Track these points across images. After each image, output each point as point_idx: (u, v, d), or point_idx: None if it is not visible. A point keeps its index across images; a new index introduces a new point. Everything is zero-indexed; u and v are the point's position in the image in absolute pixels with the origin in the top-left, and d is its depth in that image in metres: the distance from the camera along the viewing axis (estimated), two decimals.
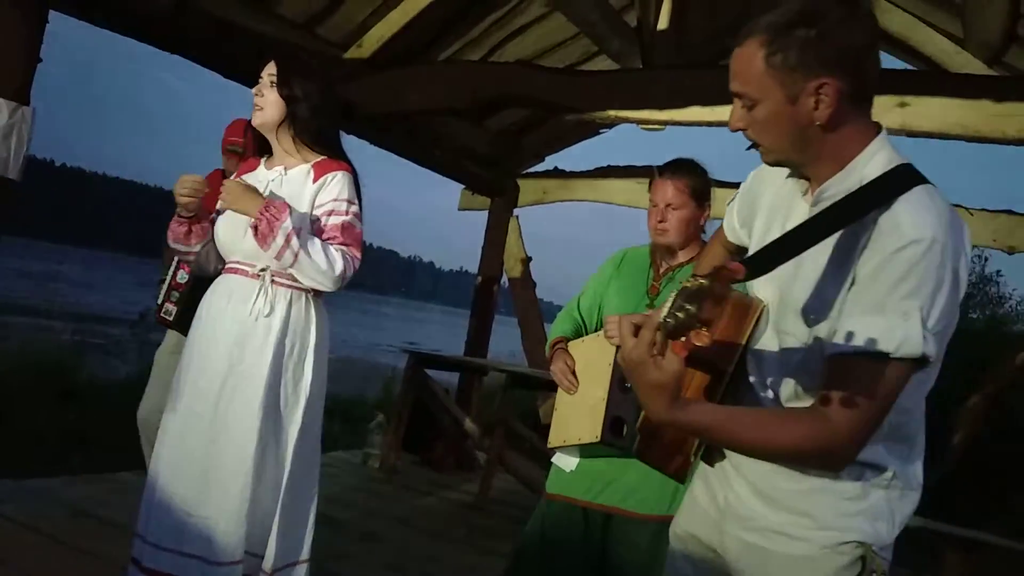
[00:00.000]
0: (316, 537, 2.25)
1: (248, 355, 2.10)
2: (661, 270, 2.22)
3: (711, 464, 1.37)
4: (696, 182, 2.17)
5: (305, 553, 2.21)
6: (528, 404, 6.38)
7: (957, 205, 4.40)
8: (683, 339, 1.04)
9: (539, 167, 6.36)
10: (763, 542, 1.25)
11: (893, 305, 1.09)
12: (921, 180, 1.15)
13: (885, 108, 3.31)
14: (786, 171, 1.31)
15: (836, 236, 1.18)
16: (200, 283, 2.65)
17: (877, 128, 1.22)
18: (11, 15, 2.93)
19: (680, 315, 1.02)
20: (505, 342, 9.08)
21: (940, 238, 1.09)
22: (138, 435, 3.13)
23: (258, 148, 2.31)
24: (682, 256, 2.21)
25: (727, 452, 1.32)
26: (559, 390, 2.26)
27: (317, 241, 2.10)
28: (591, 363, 2.15)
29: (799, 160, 1.23)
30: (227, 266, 2.22)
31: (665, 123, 3.67)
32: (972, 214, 4.43)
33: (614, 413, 1.99)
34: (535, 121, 5.91)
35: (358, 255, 2.18)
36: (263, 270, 2.13)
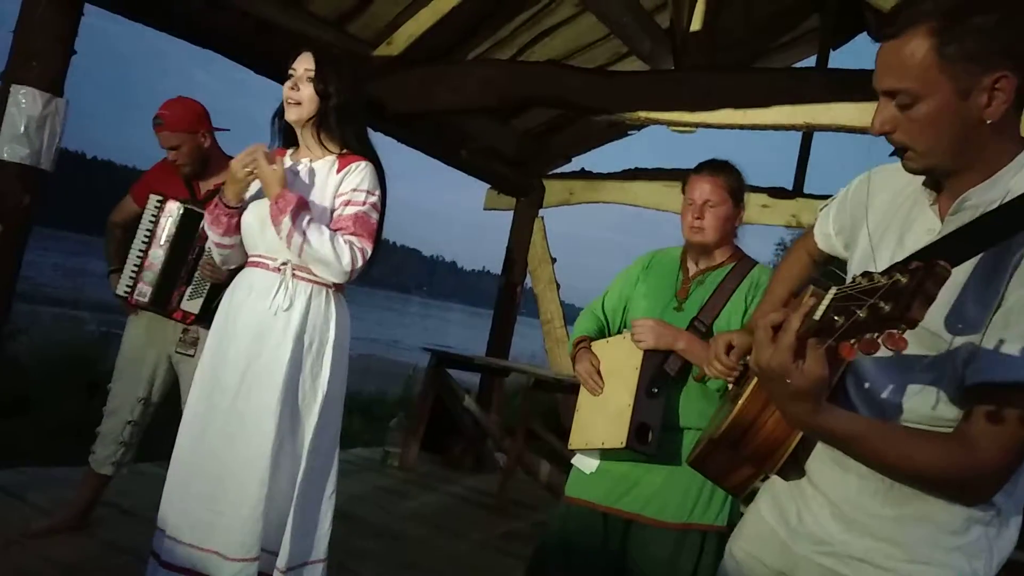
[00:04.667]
0: (334, 534, 2.23)
1: (267, 349, 2.09)
2: (691, 273, 2.19)
3: (786, 479, 1.28)
4: (733, 181, 2.14)
5: (320, 552, 2.19)
6: (549, 406, 6.36)
7: None
8: (863, 340, 0.91)
9: (566, 168, 6.33)
10: (841, 568, 1.18)
11: None
12: None
13: None
14: (903, 180, 1.21)
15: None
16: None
17: None
18: (47, 8, 2.95)
19: (861, 314, 0.90)
20: (527, 343, 9.07)
21: None
22: (159, 427, 3.13)
23: (285, 139, 2.31)
24: (719, 256, 2.16)
25: (807, 468, 1.25)
26: (582, 391, 2.23)
27: (326, 231, 2.07)
28: (616, 365, 2.12)
29: (952, 165, 1.11)
30: (249, 259, 2.22)
31: (696, 125, 3.62)
32: None
33: (640, 420, 1.97)
34: (563, 121, 5.88)
35: (368, 246, 2.14)
36: (284, 264, 2.12)
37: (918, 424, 1.12)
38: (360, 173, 2.17)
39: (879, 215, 1.25)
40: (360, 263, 2.11)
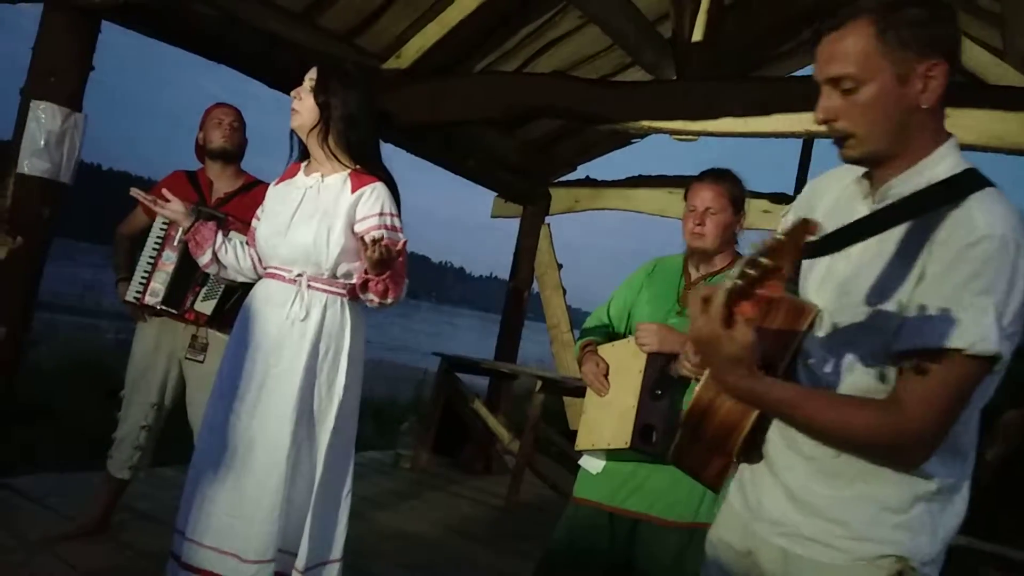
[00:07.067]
0: (348, 536, 2.28)
1: (284, 358, 2.14)
2: (693, 279, 2.24)
3: (750, 463, 1.34)
4: (734, 189, 2.19)
5: (337, 552, 2.25)
6: (557, 409, 6.41)
7: None
8: (755, 296, 1.02)
9: (571, 176, 6.40)
10: (793, 547, 1.23)
11: (968, 301, 1.06)
12: (991, 183, 1.15)
13: None
14: (846, 178, 1.30)
15: (900, 233, 1.16)
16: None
17: (948, 134, 1.22)
18: (64, 25, 3.03)
19: (751, 272, 0.99)
20: (534, 348, 9.13)
21: (1012, 236, 1.07)
22: (175, 431, 3.19)
23: (301, 153, 2.37)
24: (719, 262, 2.21)
25: (766, 452, 1.31)
26: (588, 393, 2.29)
27: (403, 282, 2.18)
28: (621, 368, 2.18)
29: (887, 151, 1.19)
30: (266, 271, 2.28)
31: (698, 134, 3.68)
32: None
33: (645, 420, 2.02)
34: (568, 131, 5.94)
35: (404, 271, 2.24)
36: (299, 275, 2.18)
37: (857, 394, 1.18)
38: (379, 196, 2.21)
39: (823, 217, 1.30)
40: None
